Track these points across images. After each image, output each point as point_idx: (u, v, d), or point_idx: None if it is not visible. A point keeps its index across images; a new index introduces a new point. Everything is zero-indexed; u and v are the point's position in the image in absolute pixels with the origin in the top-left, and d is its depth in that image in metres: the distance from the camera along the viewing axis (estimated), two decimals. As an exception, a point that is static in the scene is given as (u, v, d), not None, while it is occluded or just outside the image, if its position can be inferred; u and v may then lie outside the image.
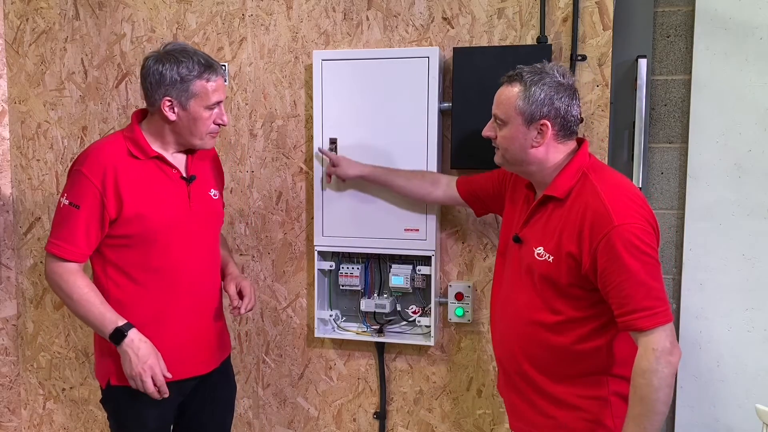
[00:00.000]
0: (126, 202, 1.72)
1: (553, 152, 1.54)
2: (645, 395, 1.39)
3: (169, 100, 1.72)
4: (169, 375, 1.72)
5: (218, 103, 1.76)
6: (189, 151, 1.84)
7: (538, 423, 1.60)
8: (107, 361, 1.79)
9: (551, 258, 1.50)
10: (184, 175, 1.81)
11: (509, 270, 1.65)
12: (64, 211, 1.72)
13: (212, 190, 1.89)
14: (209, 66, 1.73)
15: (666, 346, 1.38)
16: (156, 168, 1.77)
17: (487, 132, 1.61)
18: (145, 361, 1.69)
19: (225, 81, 1.81)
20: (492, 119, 1.60)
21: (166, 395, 1.73)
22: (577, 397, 1.54)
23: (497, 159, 1.62)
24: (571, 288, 1.49)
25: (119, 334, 1.70)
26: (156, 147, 1.78)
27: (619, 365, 1.52)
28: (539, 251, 1.52)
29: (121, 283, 1.77)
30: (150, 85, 1.74)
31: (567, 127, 1.53)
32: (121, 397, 1.79)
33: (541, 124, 1.50)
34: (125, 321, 1.71)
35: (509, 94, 1.53)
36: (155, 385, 1.70)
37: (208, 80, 1.72)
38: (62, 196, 1.74)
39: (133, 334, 1.70)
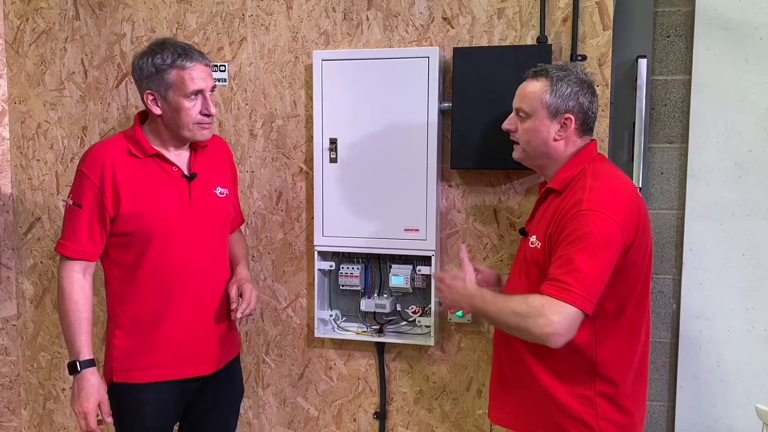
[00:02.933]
0: (123, 200, 1.73)
1: (570, 147, 1.60)
2: (505, 308, 1.47)
3: (151, 94, 1.73)
4: (109, 420, 1.77)
5: (198, 91, 1.72)
6: (193, 148, 1.85)
7: (522, 415, 1.62)
8: (110, 358, 1.82)
9: (539, 244, 1.56)
10: (186, 172, 1.81)
11: (515, 264, 1.71)
12: (69, 210, 1.78)
13: (218, 188, 1.87)
14: (184, 54, 1.70)
15: (560, 324, 1.39)
16: (156, 166, 1.78)
17: (507, 125, 1.65)
18: (82, 403, 1.74)
19: (208, 67, 1.76)
20: (513, 113, 1.64)
21: None
22: (565, 392, 1.55)
23: (516, 154, 1.66)
24: None
25: (74, 367, 1.75)
26: (156, 145, 1.79)
27: (605, 366, 1.54)
28: (532, 239, 1.59)
29: (123, 281, 1.80)
30: (135, 82, 1.77)
31: (587, 123, 1.60)
32: (121, 395, 1.81)
33: (566, 118, 1.57)
34: (88, 357, 1.75)
35: (534, 88, 1.58)
36: (90, 425, 1.74)
37: (182, 68, 1.70)
38: (68, 196, 1.79)
39: (87, 373, 1.74)
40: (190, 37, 2.23)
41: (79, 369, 1.73)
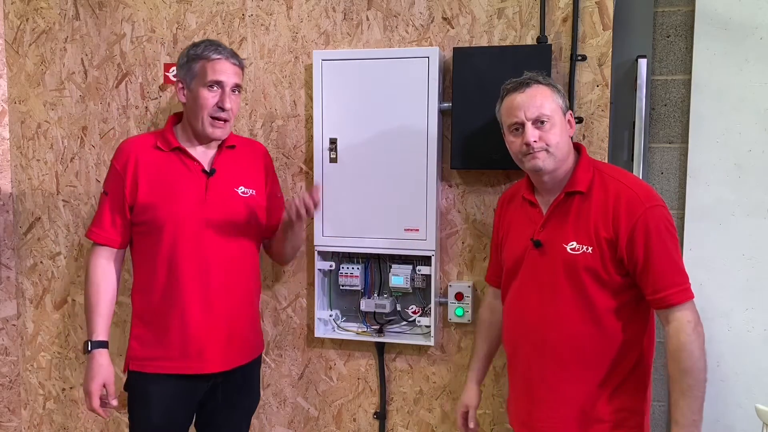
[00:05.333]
0: (141, 190, 1.80)
1: (571, 147, 1.65)
2: (689, 366, 1.46)
3: (180, 82, 1.82)
4: (114, 403, 1.81)
5: (218, 82, 1.78)
6: (219, 146, 1.88)
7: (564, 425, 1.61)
8: (129, 347, 1.87)
9: (590, 249, 1.54)
10: (206, 168, 1.84)
11: (529, 279, 1.65)
12: (100, 198, 1.89)
13: (242, 187, 1.89)
14: (215, 48, 1.79)
15: (696, 318, 1.49)
16: (177, 160, 1.84)
17: (533, 137, 1.56)
18: (87, 382, 1.79)
19: (236, 67, 1.84)
20: (531, 125, 1.56)
21: (104, 417, 1.83)
22: (618, 411, 1.57)
23: (540, 163, 1.57)
24: (612, 275, 1.54)
25: (86, 346, 1.80)
26: (183, 141, 1.85)
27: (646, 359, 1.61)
28: (573, 246, 1.56)
29: (141, 270, 1.86)
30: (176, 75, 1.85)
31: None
32: (134, 384, 1.85)
33: (570, 115, 1.63)
34: (101, 339, 1.80)
35: (545, 93, 1.59)
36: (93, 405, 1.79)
37: (208, 59, 1.78)
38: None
39: (96, 353, 1.79)
40: (190, 37, 2.23)
41: (89, 349, 1.79)
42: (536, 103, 1.56)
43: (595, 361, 1.57)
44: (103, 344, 1.80)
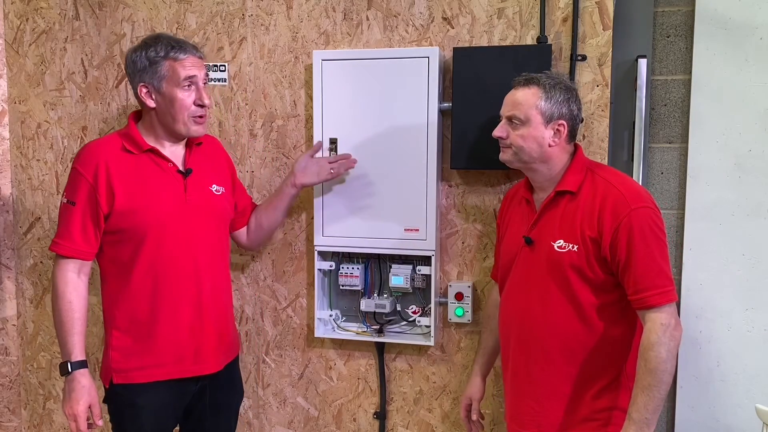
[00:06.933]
0: (118, 196, 1.72)
1: (562, 152, 1.63)
2: (654, 367, 1.47)
3: (145, 86, 1.76)
4: (100, 423, 1.73)
5: (190, 79, 1.74)
6: (187, 145, 1.85)
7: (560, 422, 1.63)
8: (108, 360, 1.80)
9: (575, 247, 1.56)
10: (181, 168, 1.81)
11: (521, 276, 1.68)
12: (62, 209, 1.76)
13: (214, 185, 1.88)
14: (177, 46, 1.74)
15: (671, 323, 1.49)
16: (150, 162, 1.78)
17: (499, 132, 1.66)
18: (72, 405, 1.71)
19: (201, 60, 1.81)
20: (504, 121, 1.65)
21: None
22: (607, 409, 1.60)
23: (506, 157, 1.67)
24: (597, 273, 1.55)
25: (65, 368, 1.72)
26: (151, 141, 1.79)
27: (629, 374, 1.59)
28: (559, 244, 1.58)
29: (118, 279, 1.78)
30: (129, 77, 1.79)
31: (575, 129, 1.64)
32: (120, 397, 1.79)
33: (559, 124, 1.59)
34: (80, 358, 1.72)
35: (528, 95, 1.60)
36: (80, 427, 1.71)
37: (175, 59, 1.73)
38: (62, 194, 1.77)
39: (78, 374, 1.71)
40: (190, 37, 2.23)
41: (70, 370, 1.71)
42: (513, 102, 1.62)
43: (581, 358, 1.59)
44: (84, 364, 1.72)
